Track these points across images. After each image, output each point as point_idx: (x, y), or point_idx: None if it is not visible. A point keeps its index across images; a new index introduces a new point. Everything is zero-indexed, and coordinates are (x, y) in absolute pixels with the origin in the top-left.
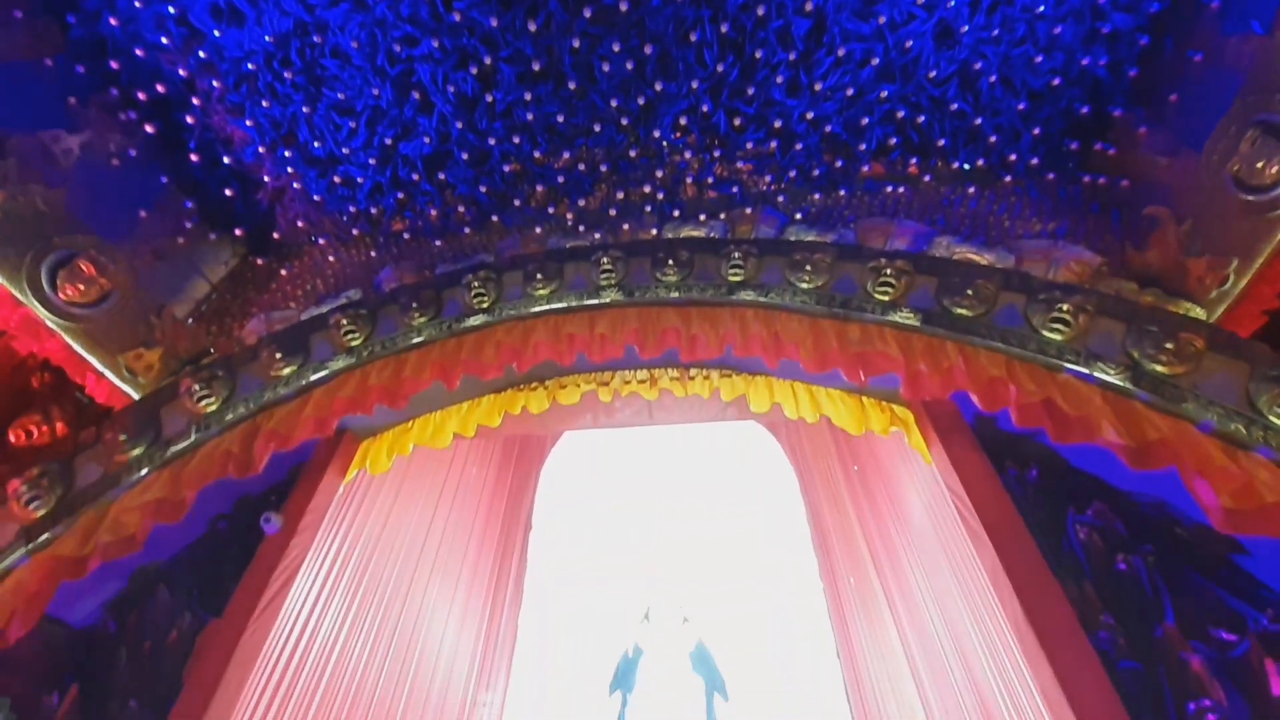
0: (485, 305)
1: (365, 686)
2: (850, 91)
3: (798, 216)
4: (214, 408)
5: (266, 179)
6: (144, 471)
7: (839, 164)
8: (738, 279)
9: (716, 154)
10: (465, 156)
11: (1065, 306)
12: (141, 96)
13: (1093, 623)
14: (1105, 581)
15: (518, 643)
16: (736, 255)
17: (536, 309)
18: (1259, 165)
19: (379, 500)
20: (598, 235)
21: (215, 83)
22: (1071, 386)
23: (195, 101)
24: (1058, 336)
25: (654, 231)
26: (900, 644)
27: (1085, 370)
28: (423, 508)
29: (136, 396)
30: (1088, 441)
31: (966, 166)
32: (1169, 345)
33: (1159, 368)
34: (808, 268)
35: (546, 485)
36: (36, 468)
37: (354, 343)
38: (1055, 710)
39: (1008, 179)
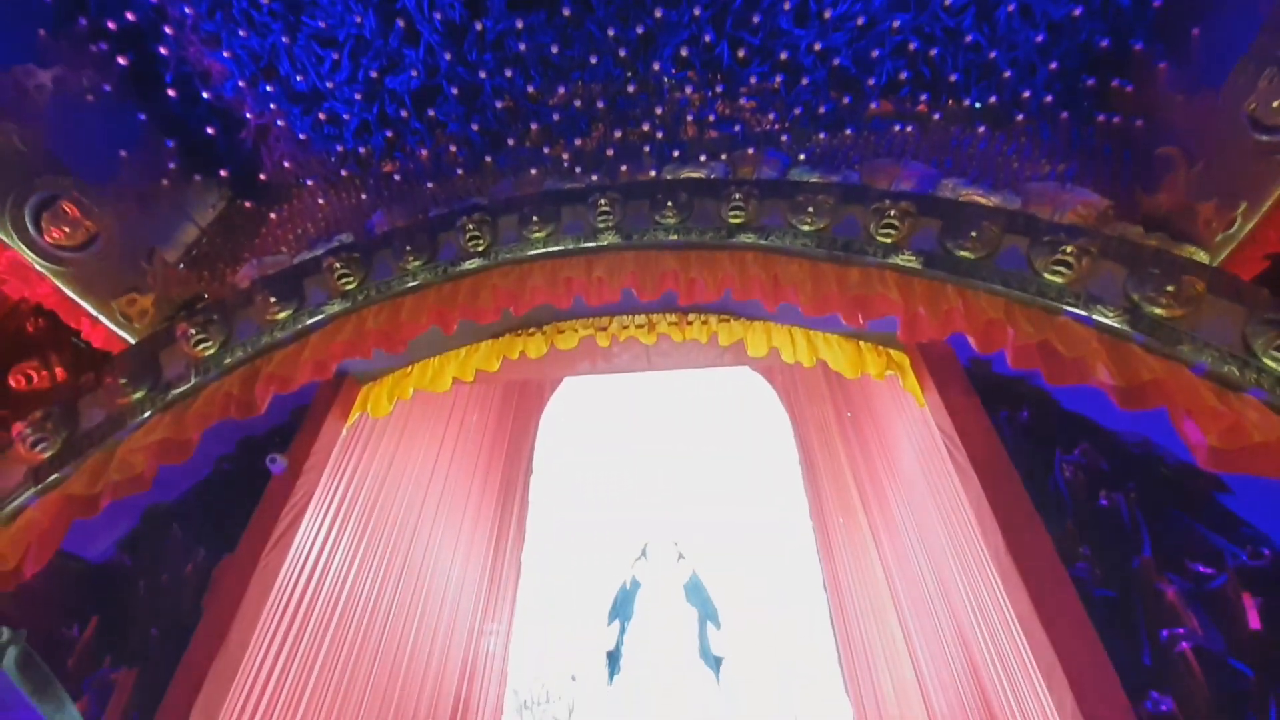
0: (481, 249)
1: (378, 614)
2: (861, 20)
3: (801, 157)
4: (212, 351)
5: (249, 116)
6: (147, 414)
7: (846, 101)
8: (738, 221)
9: (719, 89)
10: (455, 92)
11: (1069, 249)
12: (111, 26)
13: (1071, 554)
14: (1086, 516)
15: (521, 576)
16: (737, 197)
17: (533, 252)
18: (1275, 104)
19: (383, 443)
20: (594, 177)
21: (188, 9)
22: (1069, 329)
23: (168, 31)
24: (1059, 279)
25: (652, 173)
26: (884, 576)
27: (1084, 313)
28: (426, 452)
29: (132, 341)
30: (1081, 383)
31: (978, 104)
32: (1170, 288)
33: (1158, 310)
34: (810, 210)
35: (547, 430)
36: (40, 411)
37: (348, 286)
38: (1030, 633)
39: (1020, 118)
